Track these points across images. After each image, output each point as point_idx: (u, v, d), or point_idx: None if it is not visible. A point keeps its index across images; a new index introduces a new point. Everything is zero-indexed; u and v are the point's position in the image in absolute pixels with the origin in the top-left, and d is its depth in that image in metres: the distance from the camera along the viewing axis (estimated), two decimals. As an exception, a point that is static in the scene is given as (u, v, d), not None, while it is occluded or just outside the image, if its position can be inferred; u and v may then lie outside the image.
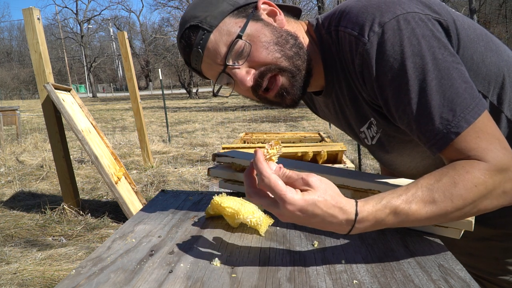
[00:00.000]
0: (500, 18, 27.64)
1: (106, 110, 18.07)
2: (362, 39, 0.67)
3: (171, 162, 5.77)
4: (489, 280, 0.91)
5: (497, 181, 0.59)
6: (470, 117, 0.61)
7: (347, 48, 0.71)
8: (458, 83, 0.62)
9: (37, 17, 3.38)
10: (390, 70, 0.65)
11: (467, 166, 0.60)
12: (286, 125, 9.38)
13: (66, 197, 3.58)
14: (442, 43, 0.65)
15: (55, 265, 2.57)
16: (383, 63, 0.66)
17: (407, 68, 0.64)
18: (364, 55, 0.67)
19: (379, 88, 0.68)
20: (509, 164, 0.60)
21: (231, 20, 0.72)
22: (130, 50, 5.32)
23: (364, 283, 0.54)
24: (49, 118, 3.45)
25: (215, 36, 0.72)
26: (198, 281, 0.55)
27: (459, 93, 0.62)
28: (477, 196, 0.59)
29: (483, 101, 0.63)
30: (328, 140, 3.21)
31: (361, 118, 0.82)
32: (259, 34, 0.73)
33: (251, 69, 0.73)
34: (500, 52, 0.77)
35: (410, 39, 0.64)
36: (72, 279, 0.57)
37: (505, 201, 0.62)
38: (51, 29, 46.07)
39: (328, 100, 0.86)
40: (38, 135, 8.01)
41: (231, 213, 0.73)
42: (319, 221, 0.57)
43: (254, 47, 0.72)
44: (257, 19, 0.74)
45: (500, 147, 0.61)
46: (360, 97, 0.77)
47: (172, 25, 30.72)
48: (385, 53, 0.65)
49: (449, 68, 0.63)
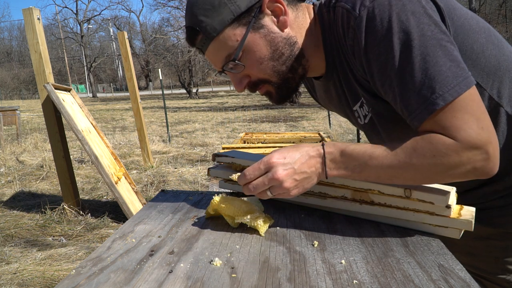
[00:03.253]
0: (500, 18, 27.64)
1: (106, 110, 18.06)
2: (353, 13, 0.69)
3: (171, 162, 5.77)
4: (489, 279, 0.91)
5: (465, 158, 0.62)
6: (449, 95, 0.62)
7: (340, 22, 0.73)
8: (442, 61, 0.63)
9: (37, 17, 3.38)
10: (378, 45, 0.67)
11: (433, 139, 0.64)
12: (286, 125, 9.38)
13: (66, 197, 3.58)
14: (433, 20, 0.66)
15: (55, 265, 2.57)
16: (371, 37, 0.68)
17: (393, 44, 0.65)
18: (355, 29, 0.69)
19: (367, 62, 0.70)
20: (481, 143, 0.62)
21: (230, 31, 0.74)
22: (130, 50, 5.32)
23: (364, 283, 0.54)
24: (49, 118, 3.45)
25: (213, 46, 0.76)
26: (198, 281, 0.55)
27: (441, 71, 0.63)
28: (436, 164, 0.63)
29: (468, 80, 0.63)
30: (328, 140, 3.21)
31: (353, 97, 0.84)
32: (255, 49, 0.76)
33: (245, 78, 0.80)
34: (501, 47, 0.78)
35: (399, 14, 0.65)
36: (72, 279, 0.57)
37: (477, 176, 0.65)
38: (51, 29, 46.06)
39: (329, 83, 0.87)
40: (38, 135, 8.01)
41: (231, 213, 0.73)
42: (300, 157, 0.69)
43: (249, 63, 0.77)
44: (257, 27, 0.75)
45: (476, 126, 0.62)
46: (350, 74, 0.80)
47: (172, 25, 30.70)
48: (373, 28, 0.67)
49: (435, 46, 0.64)
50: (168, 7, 37.23)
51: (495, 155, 0.64)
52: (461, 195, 0.86)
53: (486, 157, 0.63)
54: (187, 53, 25.59)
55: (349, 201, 0.77)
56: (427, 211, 0.70)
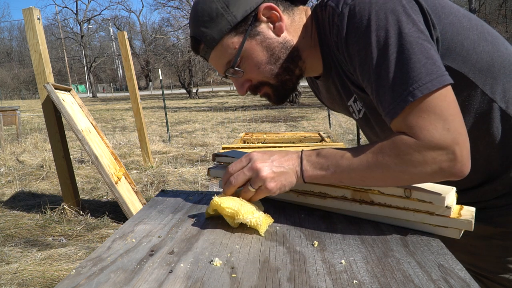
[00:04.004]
0: (500, 18, 27.65)
1: (106, 110, 18.06)
2: (337, 10, 0.72)
3: (171, 162, 5.77)
4: (490, 278, 0.91)
5: (428, 157, 0.63)
6: (419, 92, 0.62)
7: (327, 19, 0.76)
8: (416, 58, 0.64)
9: (37, 17, 3.38)
10: (357, 42, 0.69)
11: (396, 139, 0.65)
12: (286, 125, 9.38)
13: (66, 197, 3.58)
14: (411, 19, 0.67)
15: (55, 265, 2.57)
16: (352, 34, 0.70)
17: (371, 41, 0.67)
18: (339, 25, 0.72)
19: (349, 57, 0.72)
20: (445, 144, 0.63)
21: (229, 40, 0.79)
22: (130, 50, 5.32)
23: (364, 283, 0.54)
24: (49, 118, 3.45)
25: (215, 54, 0.81)
26: (198, 281, 0.55)
27: (415, 68, 0.63)
28: (401, 163, 0.65)
29: (443, 78, 0.63)
30: (328, 140, 3.21)
31: (346, 92, 0.86)
32: (253, 55, 0.80)
33: (247, 82, 0.84)
34: (496, 44, 0.78)
35: (378, 12, 0.67)
36: (72, 279, 0.57)
37: (446, 177, 0.65)
38: (51, 29, 46.07)
39: (328, 81, 0.89)
40: (38, 135, 8.01)
41: (231, 213, 0.73)
42: (279, 154, 0.74)
43: (248, 68, 0.81)
44: (254, 34, 0.79)
45: (441, 127, 0.63)
46: (341, 71, 0.82)
47: (172, 25, 30.71)
48: (354, 25, 0.69)
49: (412, 43, 0.65)
50: (168, 7, 37.30)
51: (463, 156, 0.64)
52: (461, 194, 0.86)
53: (453, 158, 0.63)
54: (187, 53, 25.61)
55: (349, 201, 0.77)
56: (427, 211, 0.70)
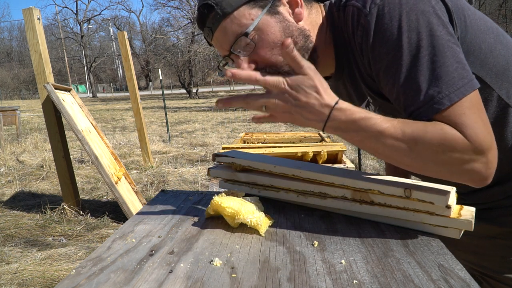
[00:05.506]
0: (500, 18, 27.62)
1: (106, 110, 18.06)
2: (364, 10, 0.69)
3: (171, 162, 5.77)
4: (494, 278, 0.91)
5: (467, 156, 0.62)
6: (455, 96, 0.62)
7: (350, 20, 0.73)
8: (449, 62, 0.63)
9: (37, 17, 3.38)
10: (386, 43, 0.67)
11: (445, 127, 0.62)
12: (286, 125, 9.37)
13: (66, 197, 3.58)
14: (441, 21, 0.66)
15: (55, 265, 2.57)
16: (380, 35, 0.68)
17: (402, 43, 0.65)
18: (365, 26, 0.69)
19: (373, 59, 0.70)
20: (486, 146, 0.62)
21: (246, 10, 0.72)
22: (130, 50, 5.32)
23: (364, 283, 0.54)
24: (49, 118, 3.45)
25: (226, 23, 0.73)
26: (198, 281, 0.55)
27: (448, 72, 0.63)
28: (439, 151, 0.62)
29: (473, 83, 0.63)
30: (328, 140, 3.20)
31: (360, 96, 0.84)
32: (269, 31, 0.73)
33: (252, 64, 0.75)
34: (510, 47, 0.78)
35: (409, 13, 0.65)
36: (72, 279, 0.57)
37: (471, 180, 0.64)
38: (51, 29, 46.03)
39: (338, 82, 0.87)
40: (38, 135, 8.01)
41: (231, 213, 0.73)
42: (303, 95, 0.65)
43: (260, 44, 0.73)
44: (273, 12, 0.74)
45: (484, 128, 0.62)
46: (357, 74, 0.79)
47: (172, 25, 30.72)
48: (383, 26, 0.67)
49: (444, 46, 0.64)
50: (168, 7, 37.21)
51: (494, 163, 0.63)
52: (468, 195, 0.86)
53: (486, 161, 0.62)
54: (187, 53, 25.58)
55: (349, 201, 0.77)
56: (427, 211, 0.70)
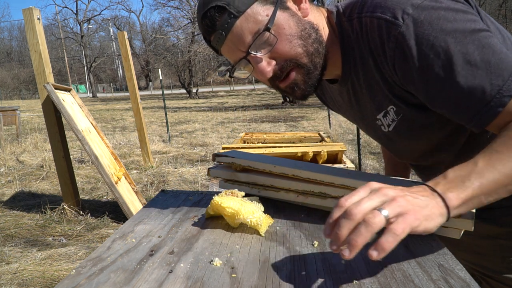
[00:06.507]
0: (500, 18, 27.63)
1: (106, 110, 18.06)
2: (396, 22, 0.67)
3: (171, 162, 5.77)
4: (495, 278, 0.91)
5: None
6: None
7: (376, 33, 0.71)
8: (498, 49, 0.63)
9: (37, 17, 3.38)
10: (432, 49, 0.65)
11: None
12: (286, 125, 9.38)
13: (66, 197, 3.58)
14: (474, 15, 0.67)
15: (55, 265, 2.57)
16: (423, 42, 0.66)
17: (449, 44, 0.64)
18: (399, 38, 0.67)
19: (420, 69, 0.67)
20: None
21: (259, 7, 0.71)
22: (130, 50, 5.32)
23: (364, 283, 0.54)
24: (49, 118, 3.45)
25: (241, 22, 0.71)
26: (198, 281, 0.55)
27: (502, 59, 0.62)
28: None
29: None
30: (328, 140, 3.21)
31: (377, 105, 0.82)
32: (285, 26, 0.73)
33: (272, 60, 0.74)
34: None
35: (446, 15, 0.65)
36: (72, 279, 0.57)
37: None
38: (51, 29, 46.03)
39: (343, 88, 0.87)
40: (38, 135, 8.01)
41: (231, 213, 0.73)
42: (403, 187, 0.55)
43: (279, 39, 0.72)
44: (284, 8, 0.74)
45: None
46: (379, 84, 0.77)
47: (172, 25, 30.70)
48: (423, 33, 0.66)
49: (486, 37, 0.64)
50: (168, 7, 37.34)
51: None
52: None
53: None
54: (187, 53, 25.60)
55: (349, 201, 0.77)
56: (427, 211, 0.70)
